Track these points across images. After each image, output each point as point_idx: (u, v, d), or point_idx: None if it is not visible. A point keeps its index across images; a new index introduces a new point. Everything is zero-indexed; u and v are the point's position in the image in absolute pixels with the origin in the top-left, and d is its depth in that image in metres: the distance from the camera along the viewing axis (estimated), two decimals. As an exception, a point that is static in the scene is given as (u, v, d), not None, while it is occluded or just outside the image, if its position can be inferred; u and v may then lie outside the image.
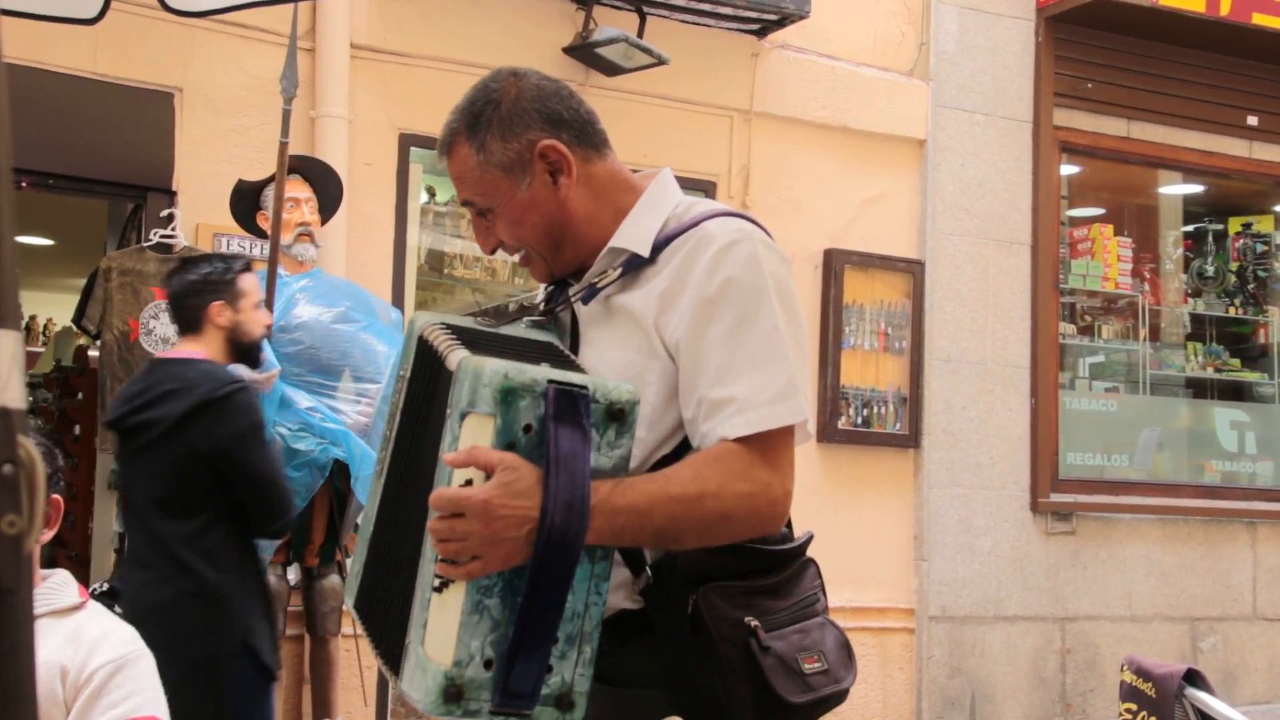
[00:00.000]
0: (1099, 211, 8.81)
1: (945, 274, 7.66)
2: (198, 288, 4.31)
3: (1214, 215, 9.31)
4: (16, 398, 1.23)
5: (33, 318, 13.03)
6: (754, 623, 2.01)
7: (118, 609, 4.68)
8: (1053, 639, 7.77)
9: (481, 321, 2.17)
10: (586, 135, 2.19)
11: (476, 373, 1.84)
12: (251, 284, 4.43)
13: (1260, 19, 8.04)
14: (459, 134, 2.17)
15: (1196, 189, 9.15)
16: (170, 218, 5.80)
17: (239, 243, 5.96)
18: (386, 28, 6.37)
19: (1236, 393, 9.14)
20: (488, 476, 1.84)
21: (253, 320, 4.40)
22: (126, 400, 4.22)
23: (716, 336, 2.00)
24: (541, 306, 2.26)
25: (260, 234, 5.44)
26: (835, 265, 7.34)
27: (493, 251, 2.25)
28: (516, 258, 2.26)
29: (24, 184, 5.66)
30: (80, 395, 8.12)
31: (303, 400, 5.00)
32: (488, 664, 1.85)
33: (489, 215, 2.18)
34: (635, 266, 2.11)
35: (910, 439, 7.48)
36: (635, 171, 2.28)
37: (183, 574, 4.07)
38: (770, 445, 1.99)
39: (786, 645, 2.03)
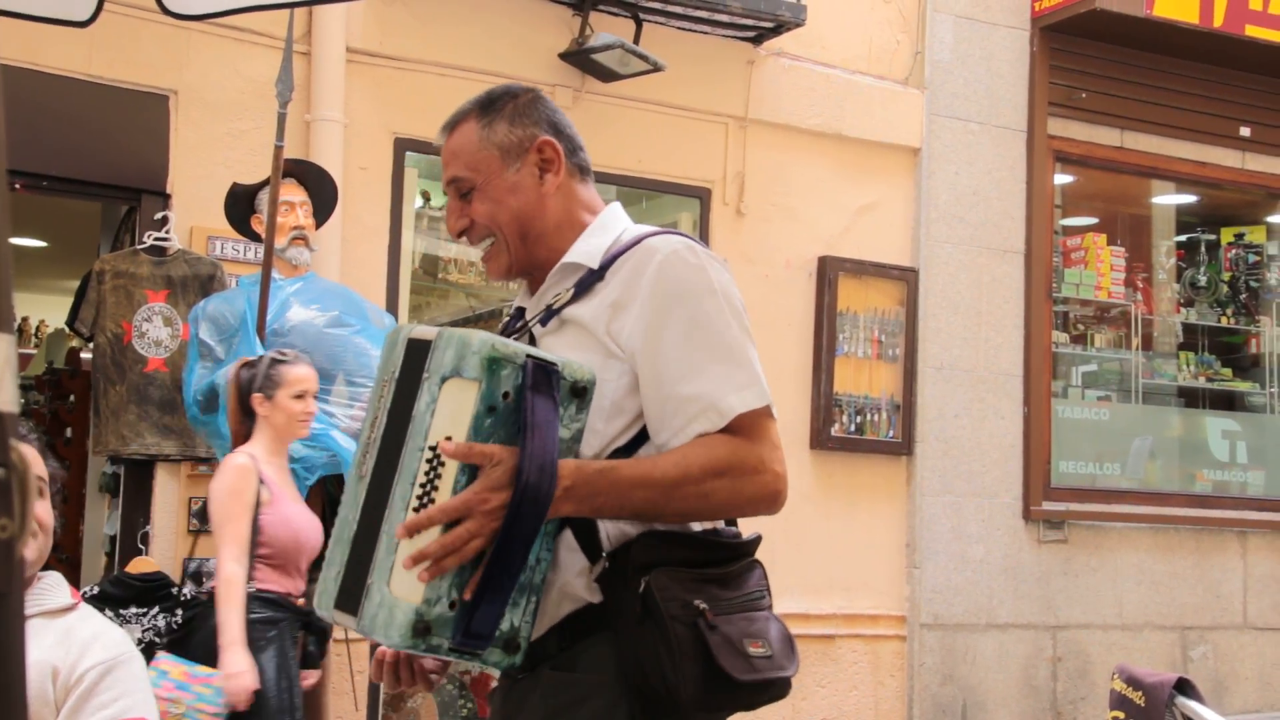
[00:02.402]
0: (1092, 221, 8.82)
1: (939, 282, 7.67)
2: None
3: (1206, 225, 9.33)
4: (9, 401, 1.25)
5: (25, 320, 13.01)
6: (702, 605, 2.10)
7: (108, 612, 4.69)
8: (1044, 647, 7.77)
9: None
10: (577, 156, 2.41)
11: (465, 340, 2.03)
12: None
13: (1253, 31, 8.06)
14: (470, 113, 2.37)
15: (1189, 199, 9.18)
16: (164, 220, 5.80)
17: (233, 246, 5.96)
18: (382, 32, 6.37)
19: (1228, 402, 9.16)
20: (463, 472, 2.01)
21: None
22: None
23: (674, 338, 2.15)
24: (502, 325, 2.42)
25: (255, 237, 5.43)
26: (829, 273, 7.34)
27: (459, 235, 2.38)
28: (483, 249, 2.38)
29: (18, 186, 5.65)
30: (72, 398, 8.12)
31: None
32: (452, 605, 2.00)
33: (470, 195, 2.34)
34: (587, 284, 2.26)
35: (903, 446, 7.48)
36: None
37: None
38: (747, 426, 2.15)
39: (733, 629, 2.12)
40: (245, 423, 4.79)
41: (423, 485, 2.02)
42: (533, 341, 2.28)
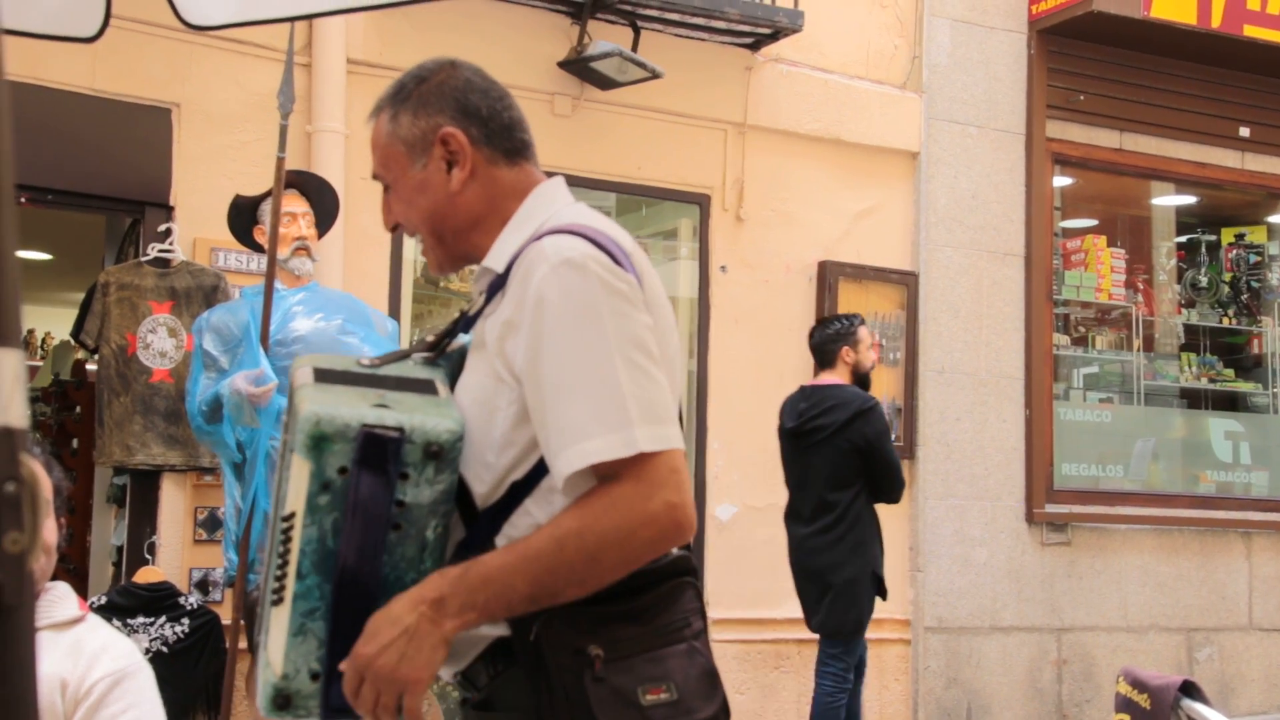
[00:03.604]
0: (1092, 223, 8.83)
1: (939, 286, 7.69)
2: (834, 338, 6.21)
3: (1207, 226, 9.34)
4: (19, 416, 1.25)
5: (31, 332, 13.02)
6: (596, 651, 1.95)
7: (115, 622, 4.70)
8: (1049, 650, 7.77)
9: (366, 364, 2.15)
10: (499, 138, 2.16)
11: (296, 411, 1.93)
12: (866, 333, 6.29)
13: (1251, 31, 8.07)
14: (384, 102, 2.19)
15: (1189, 200, 9.18)
16: (168, 232, 5.82)
17: (236, 257, 5.97)
18: (382, 43, 6.39)
19: (1231, 403, 9.16)
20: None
21: (866, 358, 6.25)
22: (799, 414, 6.14)
23: (549, 365, 1.94)
24: (430, 341, 2.24)
25: (257, 248, 5.44)
26: (829, 277, 7.36)
27: (393, 230, 2.24)
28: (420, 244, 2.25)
29: (23, 200, 5.67)
30: (78, 409, 8.12)
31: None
32: (314, 676, 1.96)
33: (388, 192, 2.19)
34: (495, 288, 2.08)
35: (905, 450, 7.49)
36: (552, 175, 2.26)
37: (842, 525, 6.03)
38: (627, 471, 1.93)
39: (629, 677, 1.96)
40: None
41: (280, 555, 1.95)
42: (458, 363, 2.18)
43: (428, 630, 1.91)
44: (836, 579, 5.98)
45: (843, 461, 6.02)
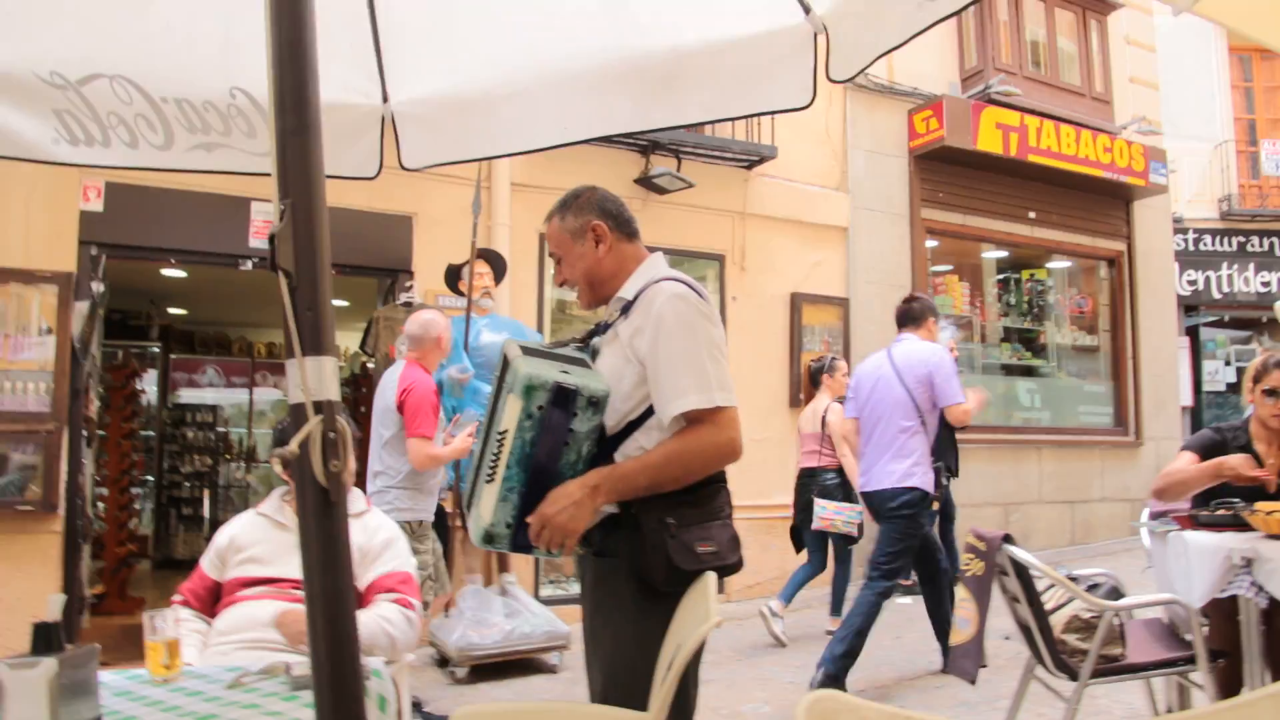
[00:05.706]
0: (949, 268, 8.67)
1: (862, 307, 7.54)
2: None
3: (1013, 269, 9.15)
4: (335, 393, 1.35)
5: (339, 347, 13.20)
6: (671, 520, 1.96)
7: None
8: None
9: (545, 346, 2.15)
10: (624, 226, 2.18)
11: (516, 371, 1.91)
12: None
13: (1033, 157, 7.94)
14: (555, 210, 2.22)
15: (1003, 254, 8.98)
16: (410, 287, 5.82)
17: (449, 300, 5.98)
18: (530, 171, 6.36)
19: (1029, 372, 8.99)
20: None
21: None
22: None
23: (666, 354, 1.97)
24: (579, 338, 2.23)
25: (461, 294, 5.45)
26: (797, 303, 7.23)
27: (562, 285, 2.23)
28: (576, 291, 2.24)
29: (334, 271, 5.70)
30: (364, 389, 8.19)
31: (487, 390, 4.97)
32: (508, 526, 1.94)
33: (560, 262, 2.20)
34: (626, 309, 2.09)
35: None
36: (653, 250, 2.24)
37: None
38: (708, 417, 1.96)
39: (690, 536, 1.96)
40: (812, 390, 5.74)
41: (494, 454, 1.93)
42: (594, 351, 2.13)
43: (588, 503, 1.92)
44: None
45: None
